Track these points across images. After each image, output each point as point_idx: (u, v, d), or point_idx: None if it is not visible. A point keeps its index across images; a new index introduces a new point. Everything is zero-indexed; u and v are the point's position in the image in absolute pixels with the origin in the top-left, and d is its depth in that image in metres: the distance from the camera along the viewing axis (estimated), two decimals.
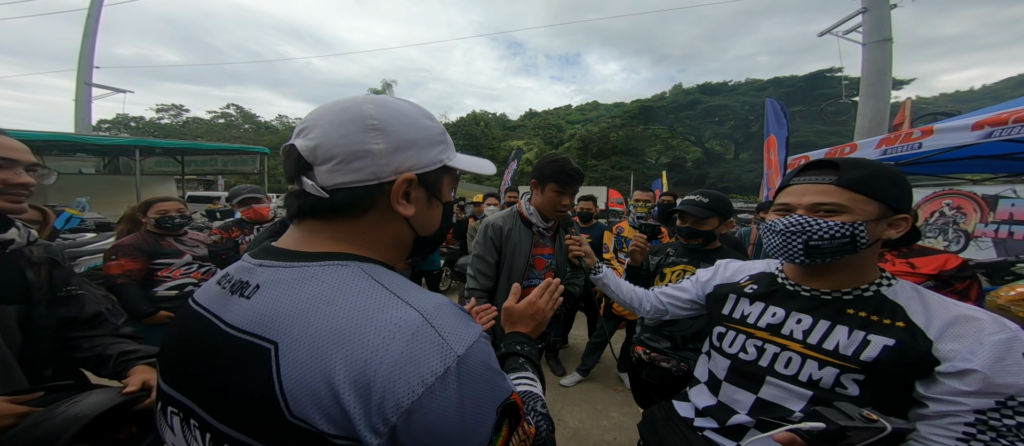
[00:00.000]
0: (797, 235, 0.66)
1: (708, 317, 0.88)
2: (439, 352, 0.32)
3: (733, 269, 0.88)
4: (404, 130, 0.40)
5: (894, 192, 0.63)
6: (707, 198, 1.31)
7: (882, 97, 6.31)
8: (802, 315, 0.69)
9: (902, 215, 0.63)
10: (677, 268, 1.34)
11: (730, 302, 0.81)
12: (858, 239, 0.61)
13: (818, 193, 0.65)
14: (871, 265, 0.67)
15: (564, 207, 1.21)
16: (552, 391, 2.48)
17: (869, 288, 0.66)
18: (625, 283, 1.07)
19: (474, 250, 1.28)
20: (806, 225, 0.64)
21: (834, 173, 0.65)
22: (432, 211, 0.45)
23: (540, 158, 1.27)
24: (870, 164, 0.65)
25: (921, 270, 1.54)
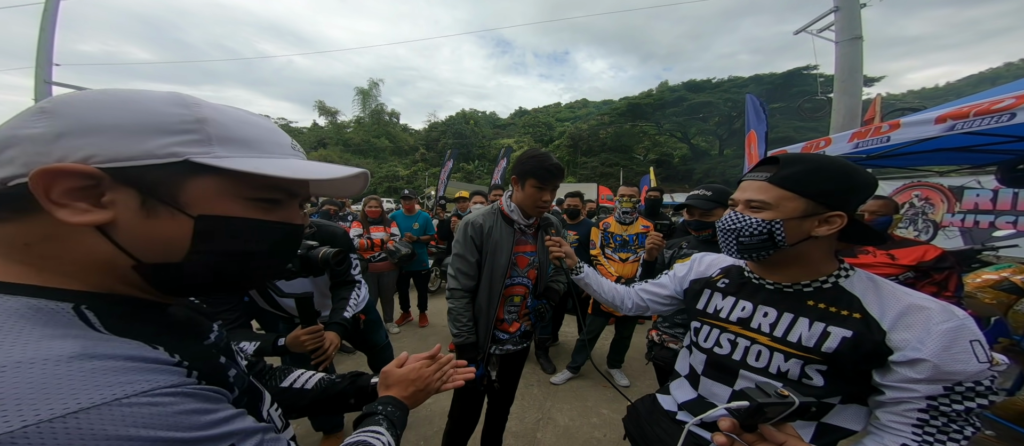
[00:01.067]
0: (730, 231, 0.69)
1: (687, 312, 0.89)
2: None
3: (707, 263, 0.89)
4: (88, 114, 0.30)
5: (827, 188, 0.62)
6: (710, 191, 1.42)
7: (854, 93, 6.55)
8: (768, 308, 0.70)
9: (835, 212, 0.62)
10: (688, 261, 1.40)
11: (705, 297, 0.82)
12: (775, 236, 0.63)
13: (754, 189, 0.67)
14: (826, 258, 0.67)
15: (545, 203, 1.18)
16: (542, 390, 2.48)
17: (828, 280, 0.67)
18: (606, 282, 1.07)
19: (454, 249, 1.25)
20: (736, 221, 0.67)
21: (772, 169, 0.66)
22: (159, 225, 0.32)
23: (520, 154, 1.22)
24: (810, 160, 0.64)
25: (901, 261, 1.57)
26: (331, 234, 1.37)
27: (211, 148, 0.32)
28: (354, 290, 1.41)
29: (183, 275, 0.34)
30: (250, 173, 0.33)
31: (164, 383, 0.28)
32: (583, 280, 1.07)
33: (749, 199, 0.67)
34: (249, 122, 0.36)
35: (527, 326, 1.36)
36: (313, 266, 0.96)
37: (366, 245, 3.04)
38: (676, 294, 0.93)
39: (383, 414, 0.55)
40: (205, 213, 0.33)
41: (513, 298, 1.29)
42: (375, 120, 45.82)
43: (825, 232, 0.63)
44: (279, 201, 0.38)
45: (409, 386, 0.62)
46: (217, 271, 0.35)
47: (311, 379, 0.67)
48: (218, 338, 0.44)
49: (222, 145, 0.33)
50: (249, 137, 0.35)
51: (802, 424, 0.65)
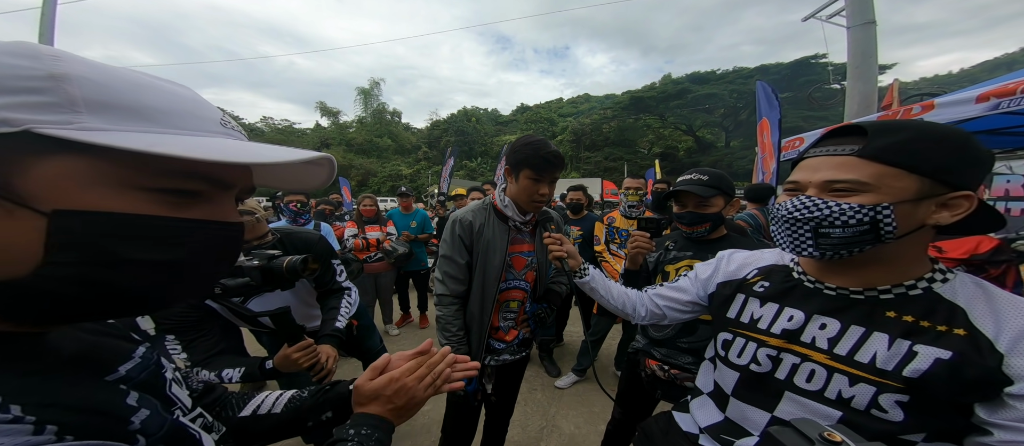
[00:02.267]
0: (803, 222, 0.53)
1: (713, 321, 0.75)
2: None
3: (738, 262, 0.74)
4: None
5: (946, 161, 0.47)
6: (707, 175, 1.09)
7: (869, 79, 6.28)
8: (827, 319, 0.56)
9: (962, 192, 0.47)
10: (682, 264, 1.15)
11: (737, 303, 0.68)
12: (882, 227, 0.48)
13: (834, 167, 0.51)
14: (918, 257, 0.53)
15: (542, 197, 1.03)
16: (546, 394, 2.36)
17: (916, 285, 0.52)
18: (615, 286, 0.93)
19: (441, 250, 1.12)
20: (814, 209, 0.51)
21: (859, 140, 0.50)
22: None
23: (513, 142, 1.06)
24: (912, 126, 0.50)
25: (949, 255, 1.41)
26: (304, 241, 1.23)
27: (74, 116, 0.23)
28: (343, 297, 1.30)
29: (26, 294, 0.24)
30: (143, 153, 0.23)
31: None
32: (588, 284, 0.93)
33: (829, 180, 0.51)
34: (149, 86, 0.27)
35: (526, 334, 1.24)
36: (277, 278, 0.85)
37: (361, 245, 2.94)
38: (699, 299, 0.79)
39: (355, 440, 0.44)
40: (65, 207, 0.23)
41: (509, 303, 1.16)
42: (377, 120, 45.91)
43: (948, 219, 0.49)
44: (199, 193, 0.29)
45: (387, 403, 0.50)
46: (87, 287, 0.25)
47: (279, 401, 0.57)
48: (135, 370, 0.34)
49: (96, 113, 0.24)
50: (145, 104, 0.26)
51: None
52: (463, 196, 3.55)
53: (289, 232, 1.24)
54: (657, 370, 1.17)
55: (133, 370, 0.34)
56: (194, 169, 0.27)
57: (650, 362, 1.19)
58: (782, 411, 0.58)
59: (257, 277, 0.83)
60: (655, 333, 1.20)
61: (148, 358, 0.36)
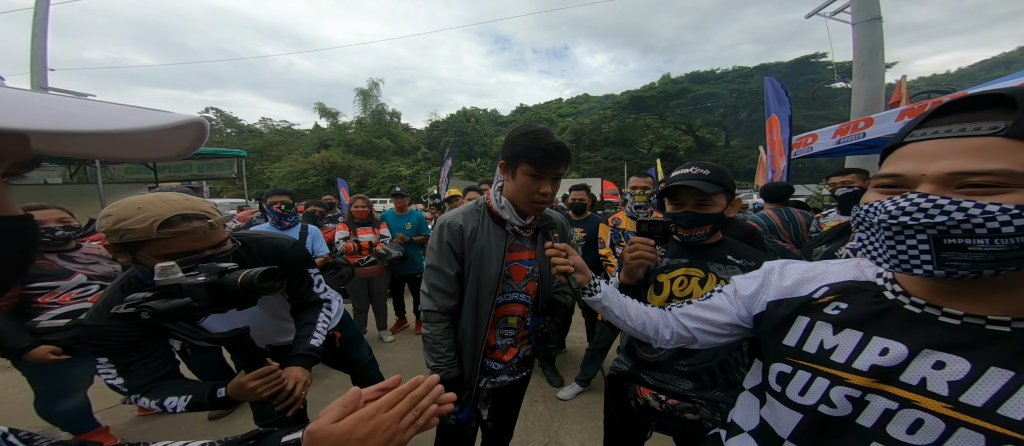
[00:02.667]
0: (917, 230, 0.39)
1: (761, 348, 0.61)
2: None
3: (796, 276, 0.59)
4: None
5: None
6: (709, 170, 0.91)
7: (875, 76, 6.19)
8: (946, 355, 0.42)
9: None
10: (677, 273, 0.97)
11: (798, 327, 0.54)
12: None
13: (965, 153, 0.37)
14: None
15: (544, 197, 0.88)
16: (548, 406, 2.23)
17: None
18: (633, 304, 0.78)
19: (427, 259, 0.98)
20: (938, 212, 0.38)
21: (1002, 115, 0.37)
22: None
23: (511, 132, 0.91)
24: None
25: None
26: (273, 248, 1.07)
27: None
28: (321, 311, 1.16)
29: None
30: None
31: None
32: (600, 303, 0.77)
33: (958, 171, 0.37)
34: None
35: (527, 351, 1.10)
36: (231, 296, 0.72)
37: (353, 248, 2.80)
38: (741, 321, 0.64)
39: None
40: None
41: (507, 319, 1.03)
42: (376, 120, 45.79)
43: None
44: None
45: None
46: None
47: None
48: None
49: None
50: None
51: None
52: (459, 197, 3.40)
53: (256, 239, 1.08)
54: (652, 399, 0.99)
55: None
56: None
57: (643, 390, 1.01)
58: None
59: (203, 296, 0.69)
60: (645, 354, 1.01)
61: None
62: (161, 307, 0.66)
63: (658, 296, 0.99)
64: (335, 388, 2.44)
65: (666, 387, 0.98)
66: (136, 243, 0.75)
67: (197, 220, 0.81)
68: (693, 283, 0.96)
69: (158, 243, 0.76)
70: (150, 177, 9.77)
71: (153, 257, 0.76)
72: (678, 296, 0.96)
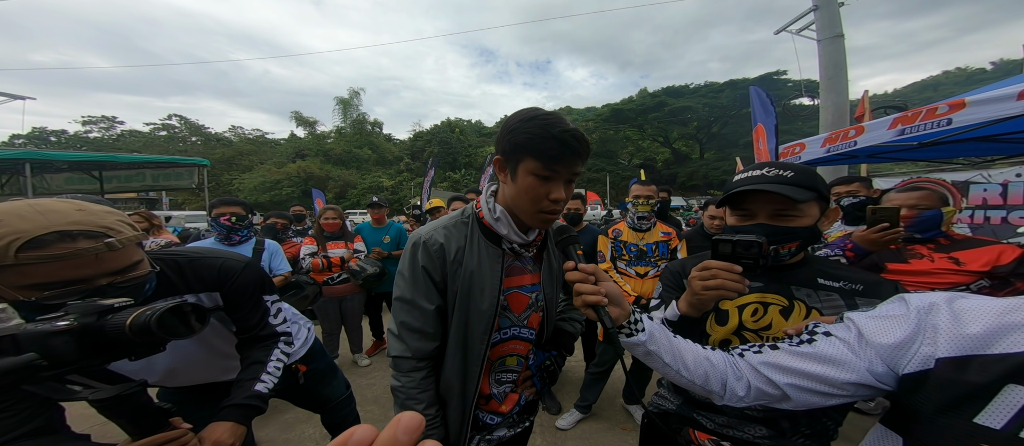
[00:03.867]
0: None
1: (913, 421, 0.41)
2: None
3: (986, 319, 0.40)
4: None
5: None
6: (791, 170, 0.68)
7: (841, 91, 6.58)
8: None
9: None
10: (750, 299, 0.76)
11: (1008, 401, 0.35)
12: None
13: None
14: None
15: (554, 205, 0.67)
16: (546, 438, 1.97)
17: None
18: (689, 348, 0.57)
19: (397, 288, 0.73)
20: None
21: None
22: None
23: (509, 118, 0.68)
24: None
25: (970, 267, 1.25)
26: (218, 271, 0.85)
27: None
28: (275, 347, 0.92)
29: None
30: None
31: None
32: (644, 346, 0.55)
33: None
34: None
35: (529, 396, 0.87)
36: (116, 344, 0.53)
37: (321, 265, 2.48)
38: (875, 380, 0.45)
39: None
40: None
41: (505, 360, 0.80)
42: (357, 130, 44.69)
43: None
44: None
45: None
46: None
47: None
48: None
49: None
50: None
51: None
52: (442, 208, 3.15)
53: (194, 258, 0.83)
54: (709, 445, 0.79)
55: None
56: None
57: (700, 435, 0.80)
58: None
59: (65, 349, 0.49)
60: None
61: None
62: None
63: (722, 327, 0.77)
64: (296, 424, 2.09)
65: (730, 434, 0.76)
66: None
67: (85, 239, 0.59)
68: (772, 312, 0.75)
69: (17, 270, 0.56)
70: (95, 188, 8.83)
71: (11, 289, 0.57)
72: (751, 328, 0.75)
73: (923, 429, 0.41)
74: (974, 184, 4.23)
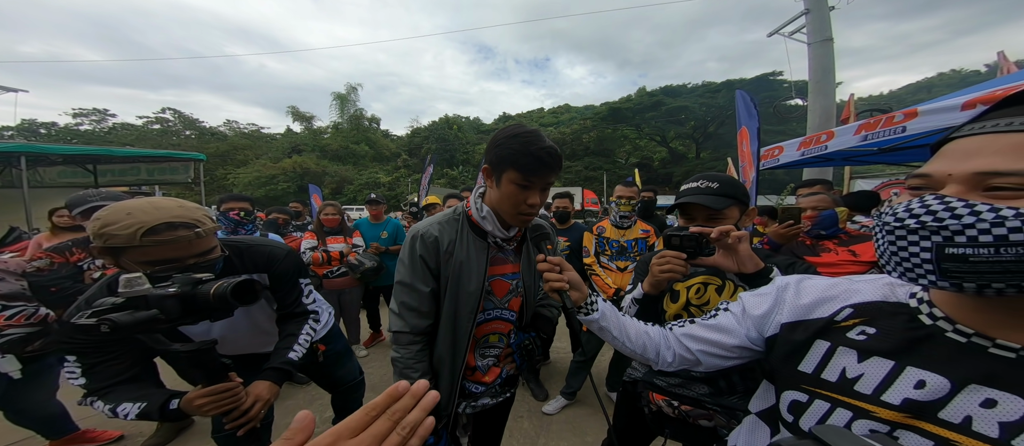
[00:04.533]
0: (922, 233, 0.36)
1: (773, 373, 0.55)
2: None
3: (815, 294, 0.53)
4: None
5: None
6: (717, 182, 0.90)
7: (828, 93, 6.75)
8: (998, 393, 0.37)
9: None
10: (695, 281, 0.96)
11: (816, 353, 0.49)
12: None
13: (1004, 151, 0.34)
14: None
15: (530, 209, 0.81)
16: (533, 421, 2.12)
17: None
18: (632, 324, 0.71)
19: (398, 274, 0.87)
20: (944, 214, 0.34)
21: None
22: None
23: (497, 132, 0.82)
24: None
25: (863, 258, 1.40)
26: (265, 256, 1.04)
27: None
28: (306, 323, 1.11)
29: None
30: None
31: None
32: (597, 323, 0.70)
33: (989, 170, 0.34)
34: None
35: (510, 370, 1.01)
36: (202, 308, 0.70)
37: (321, 259, 2.59)
38: (751, 343, 0.59)
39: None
40: None
41: (489, 338, 0.94)
42: (354, 126, 44.41)
43: None
44: None
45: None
46: None
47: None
48: None
49: None
50: None
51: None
52: (437, 205, 3.27)
53: (250, 245, 1.03)
54: (664, 406, 0.96)
55: None
56: None
57: (655, 396, 0.98)
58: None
59: (174, 309, 0.67)
60: None
61: None
62: (123, 320, 0.63)
63: (674, 304, 0.98)
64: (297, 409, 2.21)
65: (679, 392, 0.93)
66: (118, 248, 0.76)
67: (184, 229, 0.79)
68: (710, 291, 0.96)
69: (140, 250, 0.76)
70: (89, 182, 8.79)
71: (134, 263, 0.77)
72: (695, 303, 0.96)
73: (776, 376, 0.54)
74: None
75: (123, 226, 0.75)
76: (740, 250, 0.81)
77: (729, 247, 0.82)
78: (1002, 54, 3.79)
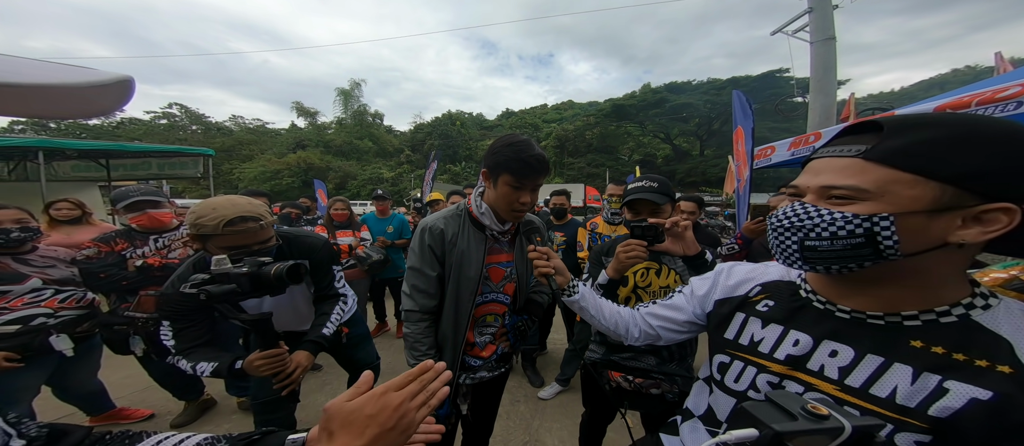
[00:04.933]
0: (790, 231, 0.48)
1: (709, 341, 0.69)
2: None
3: (739, 277, 0.68)
4: None
5: (979, 165, 0.39)
6: (657, 182, 1.12)
7: (829, 93, 6.76)
8: (838, 345, 0.50)
9: (1001, 205, 0.39)
10: (639, 267, 1.15)
11: (736, 323, 0.62)
12: (881, 241, 0.42)
13: (836, 171, 0.45)
14: (952, 277, 0.45)
15: (522, 206, 0.94)
16: (529, 406, 2.27)
17: (950, 312, 0.45)
18: (607, 305, 0.85)
19: (409, 261, 1.02)
20: (804, 217, 0.47)
21: (871, 139, 0.44)
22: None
23: (494, 140, 0.97)
24: (942, 121, 0.42)
25: None
26: (307, 246, 1.25)
27: None
28: (338, 304, 1.31)
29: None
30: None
31: None
32: (577, 303, 0.84)
33: (827, 185, 0.45)
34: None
35: (505, 348, 1.15)
36: (266, 285, 0.87)
37: None
38: (696, 318, 0.72)
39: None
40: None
41: (486, 318, 1.07)
42: (358, 121, 44.60)
43: (977, 236, 0.40)
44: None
45: (365, 429, 0.41)
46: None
47: (187, 442, 0.48)
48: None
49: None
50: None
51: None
52: (441, 201, 3.41)
53: (295, 236, 1.24)
54: (622, 381, 1.11)
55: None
56: None
57: (614, 374, 1.13)
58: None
59: (246, 284, 0.85)
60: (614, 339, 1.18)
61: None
62: (214, 290, 0.82)
63: (624, 288, 1.16)
64: (310, 393, 2.38)
65: (631, 364, 1.10)
66: (206, 235, 0.94)
67: (252, 221, 0.97)
68: (651, 274, 1.16)
69: (222, 237, 0.94)
70: (102, 175, 9.02)
71: (217, 248, 0.96)
72: (641, 286, 1.15)
73: (711, 343, 0.68)
74: None
75: (210, 218, 0.93)
76: (686, 237, 1.02)
77: (678, 235, 1.01)
78: (999, 55, 3.84)
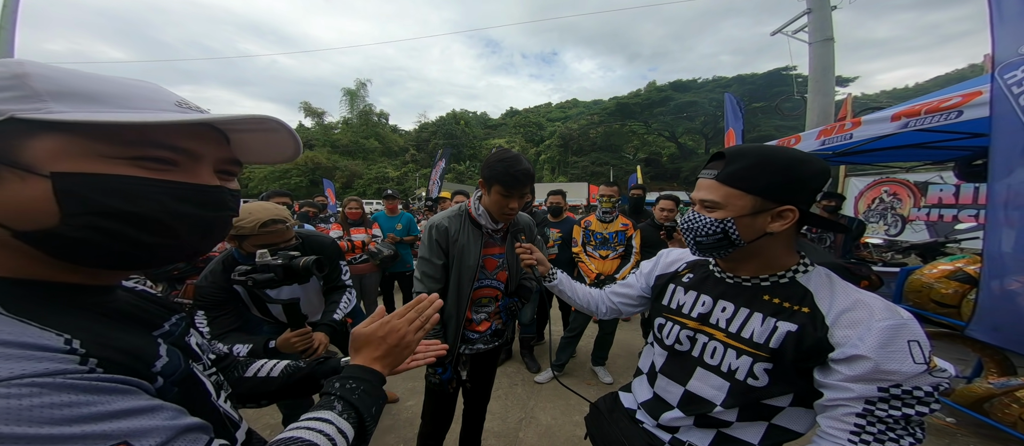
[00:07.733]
0: (689, 232, 0.69)
1: (651, 309, 0.89)
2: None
3: (672, 257, 0.88)
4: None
5: (774, 182, 0.59)
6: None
7: (827, 93, 6.78)
8: (726, 303, 0.69)
9: (786, 206, 0.60)
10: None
11: (669, 292, 0.82)
12: (730, 235, 0.63)
13: (704, 188, 0.66)
14: (783, 252, 0.66)
15: (511, 211, 1.13)
16: (526, 389, 2.48)
17: (785, 274, 0.65)
18: (580, 287, 1.05)
19: (420, 252, 1.23)
20: (693, 221, 0.68)
21: (719, 166, 0.64)
22: (10, 188, 0.30)
23: (489, 155, 1.17)
24: (755, 154, 0.61)
25: None
26: (320, 244, 1.46)
27: (43, 103, 0.30)
28: (344, 294, 1.51)
29: (68, 241, 0.32)
30: (104, 125, 0.31)
31: (29, 371, 0.26)
32: (557, 287, 1.05)
33: (702, 198, 0.66)
34: (105, 80, 0.33)
35: (498, 325, 1.36)
36: (295, 274, 1.04)
37: (346, 247, 2.99)
38: (644, 292, 0.92)
39: (338, 394, 0.47)
40: (60, 171, 0.30)
41: (482, 300, 1.29)
42: (363, 121, 45.14)
43: (779, 228, 0.61)
44: (174, 162, 0.35)
45: (379, 345, 0.53)
46: (105, 234, 0.32)
47: (276, 367, 0.67)
48: (171, 329, 0.43)
49: (59, 100, 0.30)
50: (100, 92, 0.32)
51: (752, 423, 0.66)
52: (447, 199, 3.64)
53: (309, 235, 1.47)
54: None
55: (170, 328, 0.43)
56: (151, 137, 0.33)
57: None
58: (692, 385, 0.71)
59: (280, 273, 1.02)
60: None
61: (179, 324, 0.46)
62: (259, 278, 1.01)
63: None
64: None
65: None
66: (243, 235, 1.13)
67: (280, 223, 1.18)
68: None
69: (256, 237, 1.14)
70: None
71: (251, 246, 1.15)
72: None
73: (652, 310, 0.87)
74: (932, 184, 4.56)
75: (248, 221, 1.11)
76: None
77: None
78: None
